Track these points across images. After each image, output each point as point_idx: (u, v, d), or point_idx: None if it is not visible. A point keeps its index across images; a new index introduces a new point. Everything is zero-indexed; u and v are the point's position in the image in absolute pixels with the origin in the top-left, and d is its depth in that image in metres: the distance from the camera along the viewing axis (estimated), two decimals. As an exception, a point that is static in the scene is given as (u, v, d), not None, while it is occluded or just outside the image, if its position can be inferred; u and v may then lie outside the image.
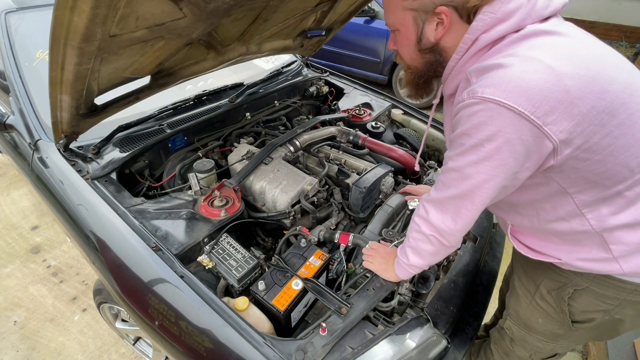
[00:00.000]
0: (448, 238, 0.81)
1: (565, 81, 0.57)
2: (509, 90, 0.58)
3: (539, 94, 0.57)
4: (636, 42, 6.44)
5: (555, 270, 0.88)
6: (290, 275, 1.02)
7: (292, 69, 2.13)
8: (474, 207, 0.72)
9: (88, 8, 0.68)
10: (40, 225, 2.46)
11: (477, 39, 0.67)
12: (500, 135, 0.61)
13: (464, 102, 0.64)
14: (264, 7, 1.17)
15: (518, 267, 1.04)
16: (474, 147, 0.65)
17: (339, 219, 1.38)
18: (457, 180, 0.71)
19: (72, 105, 1.04)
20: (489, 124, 0.61)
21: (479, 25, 0.66)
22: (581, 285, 0.84)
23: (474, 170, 0.67)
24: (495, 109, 0.59)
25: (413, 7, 0.71)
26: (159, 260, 0.99)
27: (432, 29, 0.72)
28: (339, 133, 1.72)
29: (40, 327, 1.86)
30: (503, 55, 0.63)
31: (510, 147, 0.61)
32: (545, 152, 0.63)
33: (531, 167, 0.66)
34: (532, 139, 0.60)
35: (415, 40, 0.76)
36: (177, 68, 1.30)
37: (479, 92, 0.61)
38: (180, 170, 1.42)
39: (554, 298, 0.91)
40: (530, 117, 0.58)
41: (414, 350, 0.92)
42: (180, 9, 0.88)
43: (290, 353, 0.84)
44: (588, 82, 0.59)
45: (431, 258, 0.89)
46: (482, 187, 0.68)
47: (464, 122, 0.65)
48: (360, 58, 4.28)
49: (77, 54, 0.82)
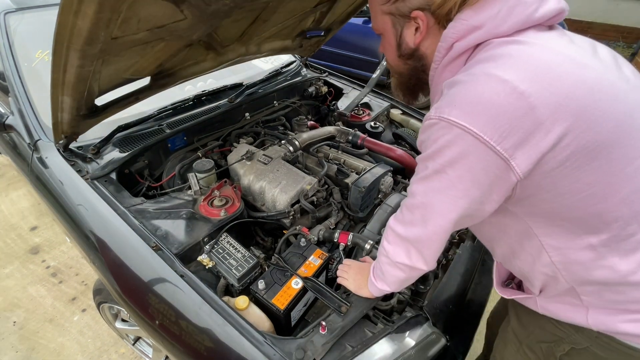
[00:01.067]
0: (419, 271, 0.78)
1: (539, 110, 0.50)
2: (474, 115, 0.52)
3: (508, 122, 0.51)
4: (633, 43, 6.47)
5: (551, 321, 0.77)
6: (290, 274, 1.03)
7: (291, 69, 2.14)
8: (438, 243, 0.70)
9: (92, 12, 0.69)
10: (39, 225, 2.46)
11: (451, 47, 0.62)
12: (463, 163, 0.56)
13: (430, 121, 0.59)
14: (263, 8, 1.18)
15: (511, 308, 0.95)
16: (437, 173, 0.60)
17: (338, 219, 1.38)
18: (419, 207, 0.67)
19: (73, 107, 1.04)
20: (452, 148, 0.56)
21: (451, 33, 0.61)
22: (580, 344, 0.73)
23: (437, 197, 0.63)
24: (458, 134, 0.54)
25: (390, 12, 0.69)
26: (159, 259, 0.99)
27: (411, 34, 0.69)
28: (338, 133, 1.72)
29: (40, 327, 1.86)
30: (477, 69, 0.56)
31: (473, 176, 0.57)
32: (509, 185, 0.57)
33: (498, 200, 0.60)
34: (497, 170, 0.55)
35: (395, 45, 0.73)
36: (177, 69, 1.30)
37: (445, 113, 0.55)
38: (180, 170, 1.42)
39: (543, 351, 0.82)
40: (496, 147, 0.52)
41: (413, 349, 0.92)
42: (181, 11, 0.89)
43: (290, 352, 0.85)
44: (569, 115, 0.51)
45: (401, 284, 0.85)
46: (445, 217, 0.64)
47: (429, 144, 0.60)
48: (359, 58, 4.28)
49: (80, 57, 0.82)
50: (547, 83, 0.51)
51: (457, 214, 0.62)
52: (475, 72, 0.56)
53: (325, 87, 2.17)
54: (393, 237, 0.78)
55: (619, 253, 0.60)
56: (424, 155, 0.63)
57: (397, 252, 0.77)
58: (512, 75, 0.52)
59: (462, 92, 0.55)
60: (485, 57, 0.57)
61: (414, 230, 0.71)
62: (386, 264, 0.83)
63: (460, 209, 0.61)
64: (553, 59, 0.54)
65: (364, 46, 4.19)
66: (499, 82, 0.52)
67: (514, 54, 0.55)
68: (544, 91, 0.51)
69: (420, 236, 0.70)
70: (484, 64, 0.56)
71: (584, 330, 0.71)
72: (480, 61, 0.58)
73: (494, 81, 0.52)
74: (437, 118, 0.57)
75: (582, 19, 6.99)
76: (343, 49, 4.33)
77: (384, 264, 0.84)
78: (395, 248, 0.78)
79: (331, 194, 1.44)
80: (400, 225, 0.75)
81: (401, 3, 0.66)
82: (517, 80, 0.51)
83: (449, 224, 0.65)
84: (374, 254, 1.13)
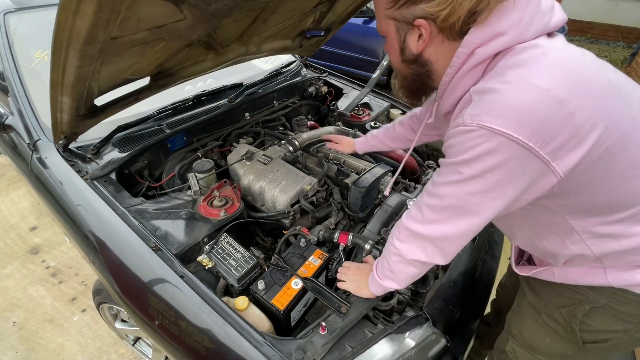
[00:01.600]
0: (435, 264, 0.79)
1: (577, 116, 0.54)
2: (519, 123, 0.54)
3: (550, 128, 0.54)
4: (633, 43, 6.47)
5: (568, 287, 0.82)
6: (289, 274, 1.03)
7: (291, 69, 2.14)
8: (464, 240, 0.71)
9: (91, 12, 0.69)
10: (39, 225, 2.46)
11: (473, 53, 0.62)
12: (504, 169, 0.57)
13: (465, 127, 0.59)
14: (263, 8, 1.18)
15: (524, 283, 0.97)
16: (473, 178, 0.61)
17: (338, 219, 1.38)
18: (449, 208, 0.67)
19: (72, 107, 1.04)
20: (494, 156, 0.57)
21: (473, 38, 0.61)
22: (599, 302, 0.78)
23: (471, 200, 0.63)
24: (502, 142, 0.55)
25: (394, 17, 0.68)
26: (159, 260, 0.99)
27: (414, 40, 0.69)
28: (338, 133, 1.72)
29: (40, 327, 1.86)
30: (512, 76, 0.57)
31: (513, 179, 0.58)
32: (547, 186, 0.60)
33: (530, 198, 0.64)
34: (537, 172, 0.58)
35: (399, 49, 0.73)
36: (176, 69, 1.30)
37: (486, 122, 0.56)
38: (180, 171, 1.42)
39: (563, 316, 0.85)
40: (540, 152, 0.55)
41: (414, 349, 0.92)
42: (180, 10, 0.88)
43: (290, 352, 0.84)
44: (602, 118, 0.55)
45: (412, 280, 0.86)
46: (479, 216, 0.65)
47: (463, 150, 0.60)
48: (359, 58, 4.28)
49: (79, 57, 0.82)
50: (582, 89, 0.55)
51: (492, 213, 0.64)
52: (511, 80, 0.57)
53: (325, 87, 2.17)
54: (407, 236, 0.79)
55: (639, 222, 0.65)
56: (455, 160, 0.62)
57: (411, 249, 0.78)
58: (550, 83, 0.54)
59: (503, 100, 0.56)
60: (515, 63, 0.59)
61: (439, 228, 0.71)
62: (397, 262, 0.83)
63: (496, 209, 0.63)
64: (579, 63, 0.58)
65: (364, 46, 4.19)
66: (540, 91, 0.54)
67: (543, 60, 0.57)
68: (580, 97, 0.54)
69: (447, 234, 0.70)
70: (517, 70, 0.57)
71: (601, 289, 0.76)
72: (510, 67, 0.59)
73: (535, 90, 0.54)
74: (475, 125, 0.57)
75: (582, 19, 7.00)
76: (343, 49, 4.33)
77: (394, 262, 0.84)
78: (409, 246, 0.78)
79: (331, 194, 1.44)
80: (418, 225, 0.75)
81: (405, 10, 0.65)
82: (556, 88, 0.54)
83: (482, 222, 0.66)
84: (374, 254, 1.13)
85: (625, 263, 0.71)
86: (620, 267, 0.72)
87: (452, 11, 0.59)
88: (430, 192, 0.71)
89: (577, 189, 0.62)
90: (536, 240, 0.80)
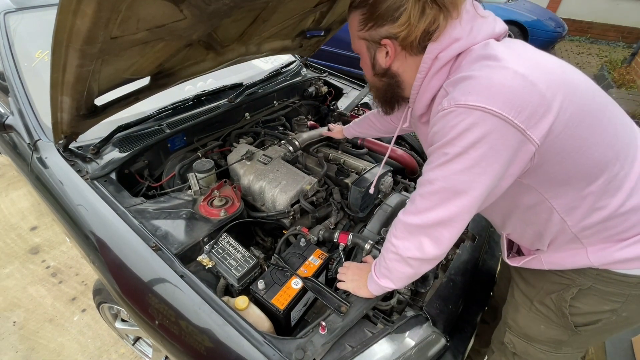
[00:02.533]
0: (431, 262, 0.81)
1: (539, 86, 0.61)
2: (491, 97, 0.60)
3: (519, 99, 0.60)
4: (633, 43, 6.47)
5: (556, 272, 0.88)
6: (289, 274, 1.03)
7: (291, 69, 2.14)
8: (459, 223, 0.72)
9: (91, 11, 0.69)
10: (39, 225, 2.46)
11: (437, 57, 0.71)
12: (485, 142, 0.62)
13: (444, 111, 0.65)
14: (263, 8, 1.18)
15: (515, 275, 1.02)
16: (458, 156, 0.65)
17: (338, 219, 1.38)
18: (439, 191, 0.70)
19: (72, 107, 1.04)
20: (473, 131, 0.62)
21: (436, 45, 0.71)
22: (585, 284, 0.83)
23: (459, 178, 0.67)
24: (479, 115, 0.61)
25: (365, 37, 0.80)
26: (159, 259, 0.99)
27: (382, 56, 0.80)
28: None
29: (40, 327, 1.86)
30: (476, 66, 0.65)
31: (495, 152, 0.62)
32: (527, 156, 0.65)
33: (514, 174, 0.68)
34: (516, 143, 0.62)
35: (370, 65, 0.85)
36: (176, 69, 1.30)
37: (461, 100, 0.62)
38: (180, 170, 1.42)
39: (554, 301, 0.90)
40: (514, 121, 0.60)
41: (413, 349, 0.92)
42: (180, 10, 0.88)
43: (290, 352, 0.85)
44: (559, 87, 0.62)
45: (407, 280, 0.88)
46: (468, 194, 0.68)
47: (446, 131, 0.65)
48: (359, 58, 4.28)
49: (79, 56, 0.82)
50: (536, 67, 0.63)
51: (480, 191, 0.67)
52: (477, 68, 0.65)
53: (325, 87, 2.17)
54: (403, 232, 0.80)
55: (610, 193, 0.72)
56: (440, 143, 0.67)
57: (406, 246, 0.79)
58: (511, 63, 0.62)
59: (473, 82, 0.63)
60: (476, 58, 0.67)
61: (432, 215, 0.73)
62: (394, 260, 0.84)
63: (484, 186, 0.66)
64: (529, 53, 0.68)
65: (364, 46, 4.18)
66: (503, 69, 0.62)
67: (501, 50, 0.66)
68: (536, 71, 0.62)
69: (442, 218, 0.72)
70: (480, 62, 0.66)
71: (585, 271, 0.82)
72: (473, 62, 0.67)
73: (499, 69, 0.62)
74: (453, 106, 0.63)
75: (582, 19, 7.00)
76: (343, 49, 4.33)
77: (391, 260, 0.85)
78: (404, 243, 0.80)
79: (331, 194, 1.44)
80: (412, 216, 0.77)
81: (373, 32, 0.77)
82: (516, 67, 0.62)
83: (473, 202, 0.69)
84: (374, 253, 1.13)
85: (603, 239, 0.77)
86: (598, 244, 0.77)
87: (410, 32, 0.70)
88: (420, 181, 0.75)
89: (554, 158, 0.67)
90: (524, 226, 0.85)
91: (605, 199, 0.72)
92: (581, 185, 0.71)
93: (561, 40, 5.93)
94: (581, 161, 0.68)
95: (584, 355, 1.79)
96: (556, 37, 5.61)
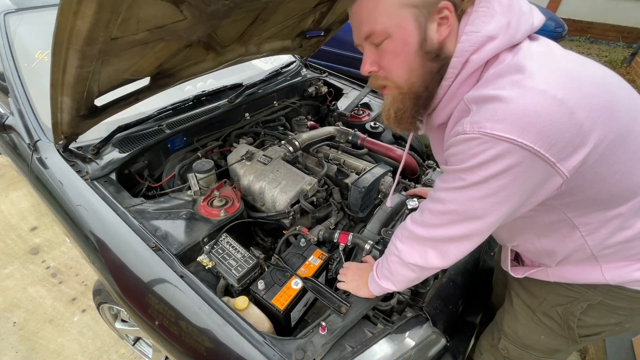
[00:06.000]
0: (433, 270, 0.80)
1: (578, 115, 0.53)
2: (522, 128, 0.52)
3: (554, 131, 0.52)
4: (633, 43, 6.47)
5: (563, 285, 0.83)
6: (289, 274, 1.03)
7: (291, 70, 2.14)
8: (469, 244, 0.69)
9: (91, 12, 0.69)
10: (39, 226, 2.46)
11: (467, 61, 0.61)
12: (509, 174, 0.56)
13: (466, 135, 0.57)
14: (263, 8, 1.18)
15: (514, 282, 0.98)
16: (476, 184, 0.59)
17: (338, 219, 1.38)
18: (451, 213, 0.66)
19: (72, 107, 1.04)
20: (498, 162, 0.55)
21: (466, 46, 0.60)
22: (595, 299, 0.80)
23: (475, 205, 0.62)
24: (506, 147, 0.53)
25: (415, 4, 0.60)
26: (159, 260, 0.99)
27: (433, 30, 0.62)
28: (337, 133, 1.72)
29: (40, 328, 1.86)
30: (505, 83, 0.56)
31: (518, 184, 0.57)
32: (553, 187, 0.59)
33: (537, 202, 0.63)
34: (542, 176, 0.57)
35: (417, 43, 0.62)
36: (176, 69, 1.30)
37: (487, 128, 0.54)
38: (180, 171, 1.42)
39: (560, 314, 0.86)
40: (545, 155, 0.53)
41: (413, 349, 0.92)
42: (180, 11, 0.89)
43: (290, 352, 0.84)
44: (600, 113, 0.55)
45: (408, 284, 0.86)
46: (482, 220, 0.64)
47: (466, 157, 0.59)
48: (359, 58, 4.24)
49: (79, 57, 0.82)
50: (576, 87, 0.54)
51: (496, 218, 0.63)
52: (506, 86, 0.55)
53: (325, 87, 2.16)
54: (408, 238, 0.79)
55: (638, 214, 0.67)
56: (457, 167, 0.61)
57: (410, 253, 0.78)
58: (545, 84, 0.53)
59: (503, 107, 0.54)
60: (505, 69, 0.58)
61: (440, 232, 0.70)
62: (397, 263, 0.83)
63: (500, 213, 0.62)
64: (565, 63, 0.58)
65: (364, 46, 4.18)
66: (537, 93, 0.53)
67: (532, 64, 0.56)
68: (577, 93, 0.53)
69: (451, 237, 0.69)
70: (510, 77, 0.56)
71: (597, 286, 0.78)
72: (502, 74, 0.58)
73: (533, 93, 0.53)
74: (477, 133, 0.55)
75: (582, 19, 6.99)
76: (343, 49, 4.33)
77: (393, 263, 0.84)
78: (408, 249, 0.78)
79: (331, 194, 1.44)
80: (420, 228, 0.75)
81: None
82: (552, 89, 0.53)
83: (486, 227, 0.65)
84: (374, 254, 1.13)
85: (620, 258, 0.72)
86: (615, 263, 0.73)
87: None
88: (433, 197, 0.71)
89: (584, 185, 0.61)
90: (535, 240, 0.79)
91: (633, 219, 0.68)
92: (611, 205, 0.66)
93: (561, 40, 5.92)
94: (616, 185, 0.63)
95: (584, 355, 1.79)
96: (556, 37, 5.59)
